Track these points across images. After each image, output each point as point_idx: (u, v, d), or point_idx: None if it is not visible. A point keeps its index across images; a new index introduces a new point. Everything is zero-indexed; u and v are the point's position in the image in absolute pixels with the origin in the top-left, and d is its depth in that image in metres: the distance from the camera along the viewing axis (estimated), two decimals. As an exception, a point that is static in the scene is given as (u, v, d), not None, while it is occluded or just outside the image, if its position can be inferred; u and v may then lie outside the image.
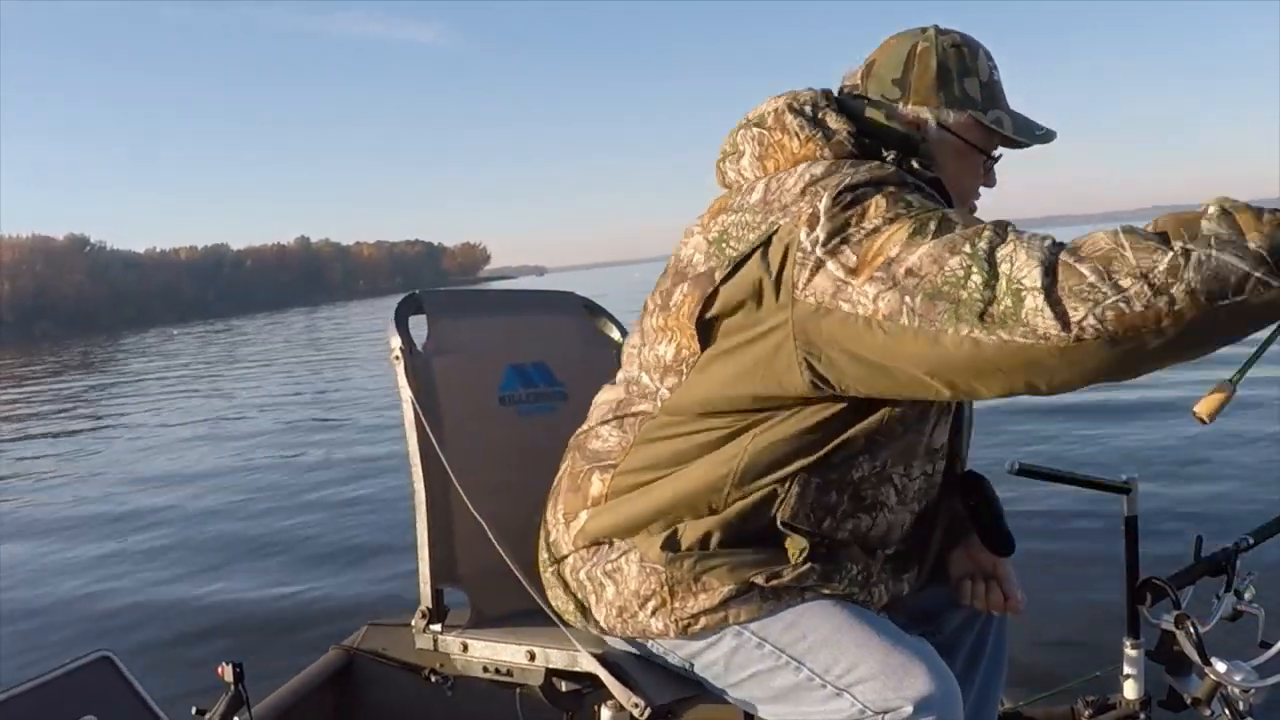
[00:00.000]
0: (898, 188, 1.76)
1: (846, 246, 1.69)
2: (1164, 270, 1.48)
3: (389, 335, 2.39)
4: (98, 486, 11.35)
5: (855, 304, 1.66)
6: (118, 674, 2.50)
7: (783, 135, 1.96)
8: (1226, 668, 2.20)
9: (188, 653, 5.42)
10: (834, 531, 1.92)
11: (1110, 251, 1.52)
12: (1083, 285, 1.51)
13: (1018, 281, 1.54)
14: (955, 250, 1.61)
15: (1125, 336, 1.50)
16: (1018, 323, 1.53)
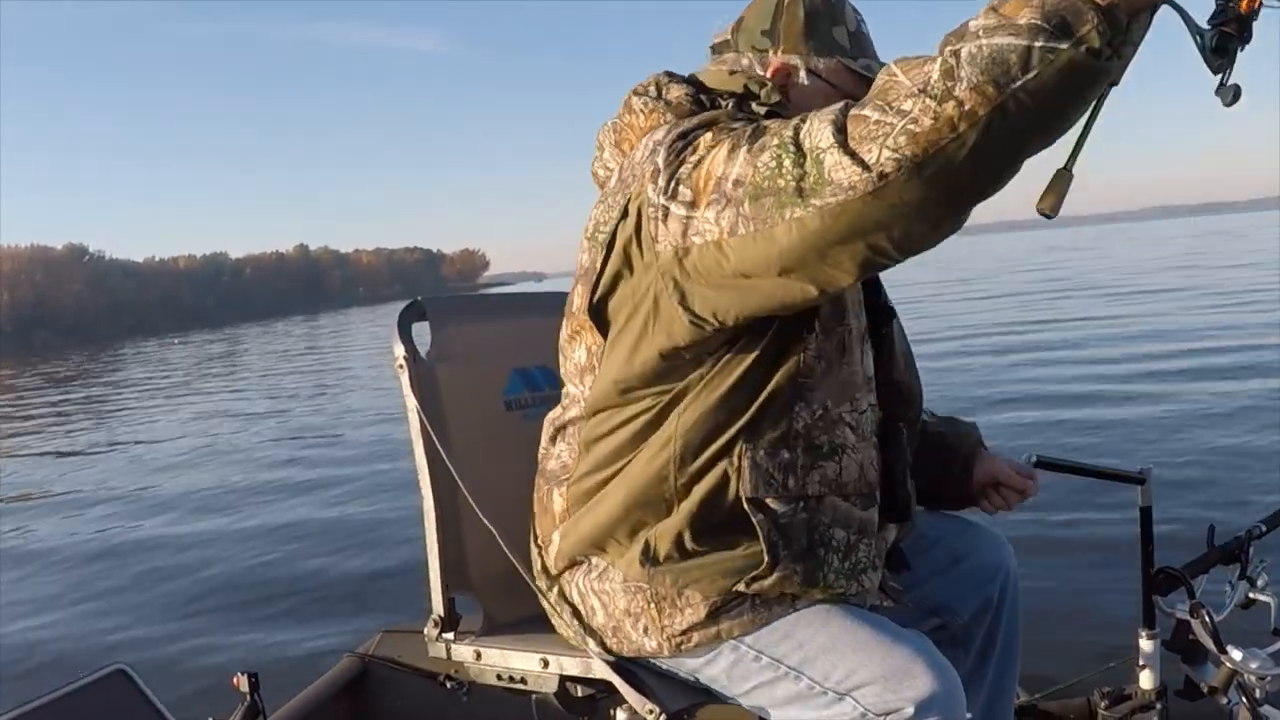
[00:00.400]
0: (727, 120, 1.80)
1: (683, 185, 1.73)
2: (938, 77, 1.46)
3: (392, 343, 2.38)
4: (108, 493, 11.34)
5: (703, 234, 1.69)
6: (133, 687, 2.50)
7: (631, 117, 2.01)
8: (1242, 655, 2.21)
9: (203, 664, 5.41)
10: (802, 489, 1.88)
11: (885, 84, 1.52)
12: (869, 126, 1.50)
13: (816, 148, 1.55)
14: (765, 147, 1.62)
15: (928, 156, 1.47)
16: (825, 184, 1.53)
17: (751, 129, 1.69)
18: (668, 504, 1.90)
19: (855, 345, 1.94)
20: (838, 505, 1.90)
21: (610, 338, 1.94)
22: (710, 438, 1.86)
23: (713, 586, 1.87)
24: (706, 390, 1.85)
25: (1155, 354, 13.82)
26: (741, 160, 1.65)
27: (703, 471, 1.87)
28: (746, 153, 1.65)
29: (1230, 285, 23.72)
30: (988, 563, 2.28)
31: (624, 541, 1.96)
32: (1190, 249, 46.85)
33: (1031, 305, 23.50)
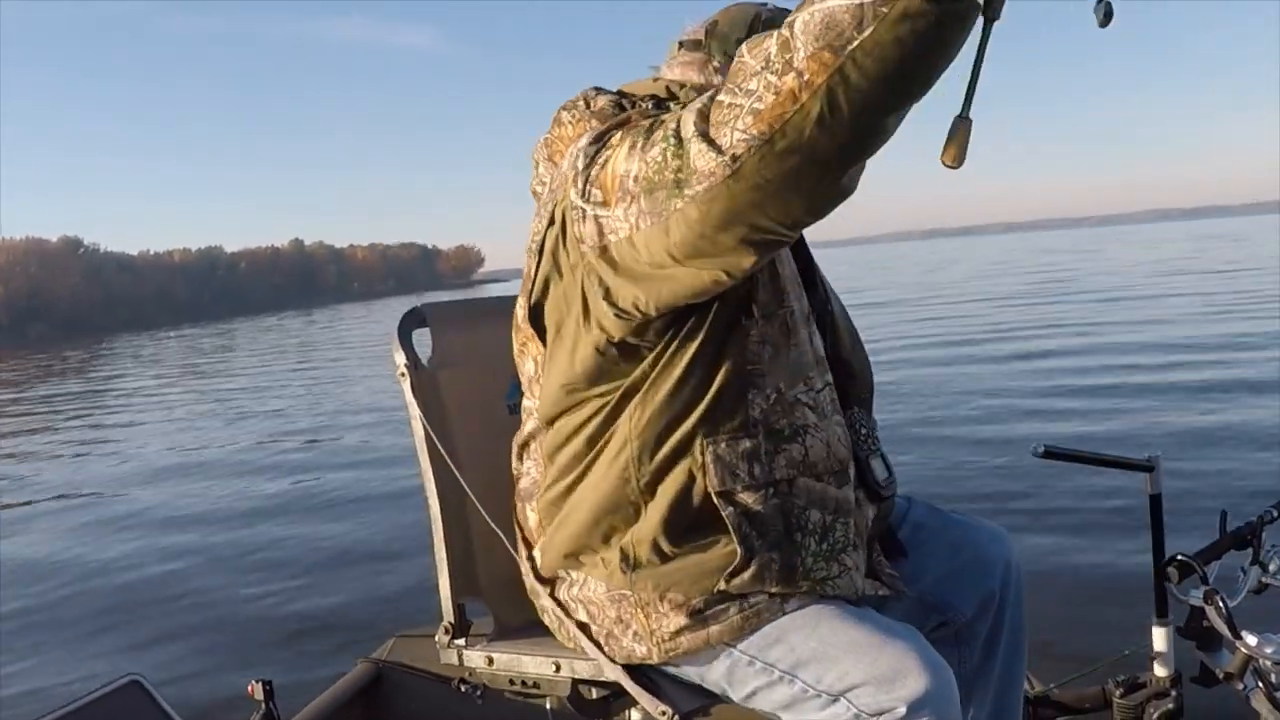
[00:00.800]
0: (639, 118, 1.83)
1: (594, 186, 1.77)
2: (776, 51, 1.46)
3: (393, 351, 2.37)
4: (109, 503, 11.31)
5: (617, 231, 1.73)
6: (148, 697, 2.51)
7: (560, 130, 2.04)
8: (1257, 640, 2.20)
9: (217, 673, 5.40)
10: (770, 475, 1.88)
11: (736, 67, 1.53)
12: (723, 111, 1.52)
13: (685, 138, 1.58)
14: (654, 142, 1.65)
15: (775, 132, 1.47)
16: (693, 173, 1.56)
17: (649, 123, 1.72)
18: (634, 506, 1.92)
19: (800, 326, 1.95)
20: (811, 486, 1.91)
21: (549, 344, 1.98)
22: (665, 435, 1.88)
23: (694, 588, 1.88)
24: (654, 388, 1.87)
25: (1164, 344, 13.88)
26: (637, 157, 1.68)
27: (665, 470, 1.89)
28: (640, 149, 1.68)
29: (1234, 284, 23.83)
30: (988, 557, 2.28)
31: (600, 550, 1.97)
32: (1187, 252, 47.10)
33: (1034, 301, 23.56)
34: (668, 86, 2.04)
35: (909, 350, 16.25)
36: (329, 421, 15.71)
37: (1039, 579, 4.68)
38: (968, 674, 2.26)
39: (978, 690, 2.29)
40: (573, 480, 2.00)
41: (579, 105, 2.03)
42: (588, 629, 2.03)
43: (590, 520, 1.97)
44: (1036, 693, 2.79)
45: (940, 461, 7.81)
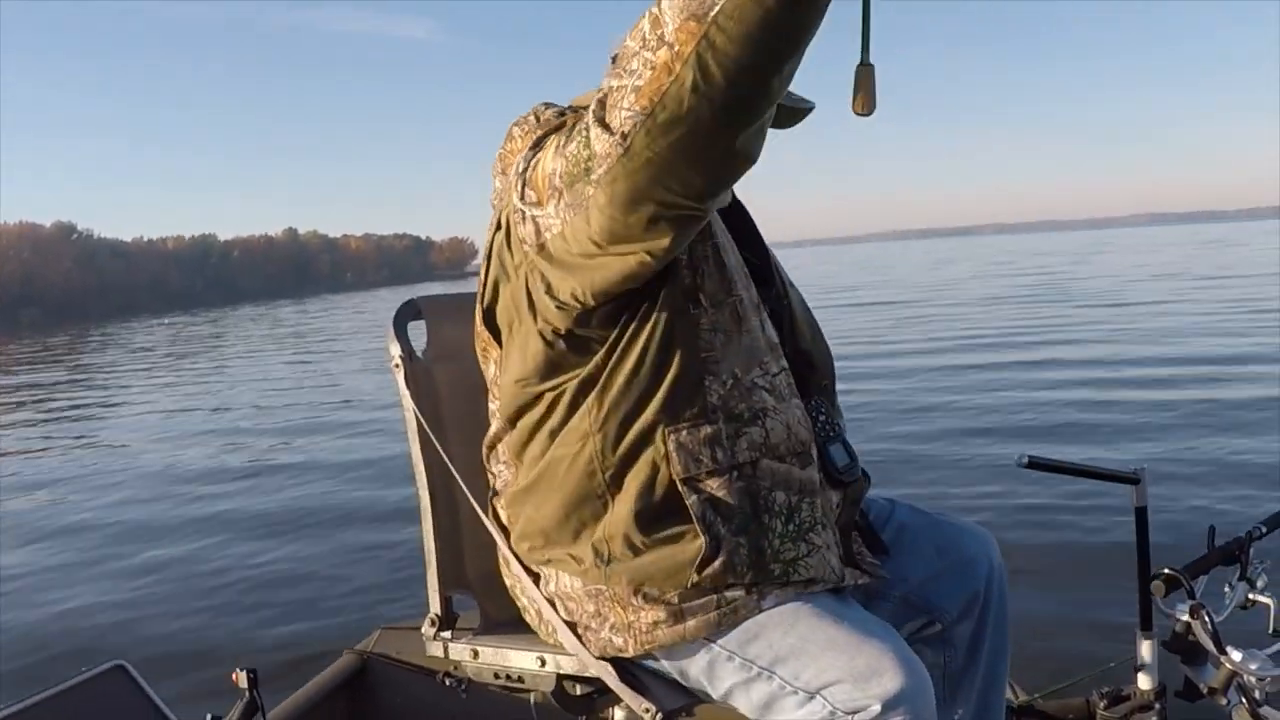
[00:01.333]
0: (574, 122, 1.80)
1: (529, 187, 1.82)
2: (649, 27, 1.51)
3: (388, 343, 2.38)
4: (95, 489, 11.28)
5: (550, 229, 1.78)
6: (132, 682, 2.50)
7: (511, 144, 2.06)
8: (1242, 656, 2.21)
9: (202, 660, 5.39)
10: (733, 459, 1.90)
11: (620, 52, 1.58)
12: (613, 95, 1.56)
13: (588, 125, 1.62)
14: (574, 135, 1.69)
15: (657, 106, 1.51)
16: (594, 158, 1.62)
17: (572, 122, 1.77)
18: (602, 500, 1.94)
19: (750, 314, 1.97)
20: (774, 468, 1.92)
21: (504, 343, 2.02)
22: (626, 426, 1.90)
23: (668, 582, 1.90)
24: (609, 380, 1.90)
25: (1151, 356, 13.90)
26: (563, 154, 1.72)
27: (629, 461, 1.91)
28: (563, 146, 1.72)
29: (1228, 292, 23.86)
30: (972, 557, 2.29)
31: (570, 546, 1.99)
32: (1181, 256, 47.17)
33: (1025, 308, 23.57)
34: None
35: (904, 353, 16.26)
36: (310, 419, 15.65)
37: (1024, 589, 4.70)
38: (953, 674, 2.28)
39: (963, 690, 2.30)
40: (538, 475, 2.02)
41: (529, 119, 2.06)
42: (569, 624, 2.04)
43: (560, 515, 1.99)
44: (1020, 703, 2.80)
45: (926, 465, 7.80)
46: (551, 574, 2.06)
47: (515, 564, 2.13)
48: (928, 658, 1.89)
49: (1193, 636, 2.24)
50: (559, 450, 1.98)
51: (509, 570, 2.17)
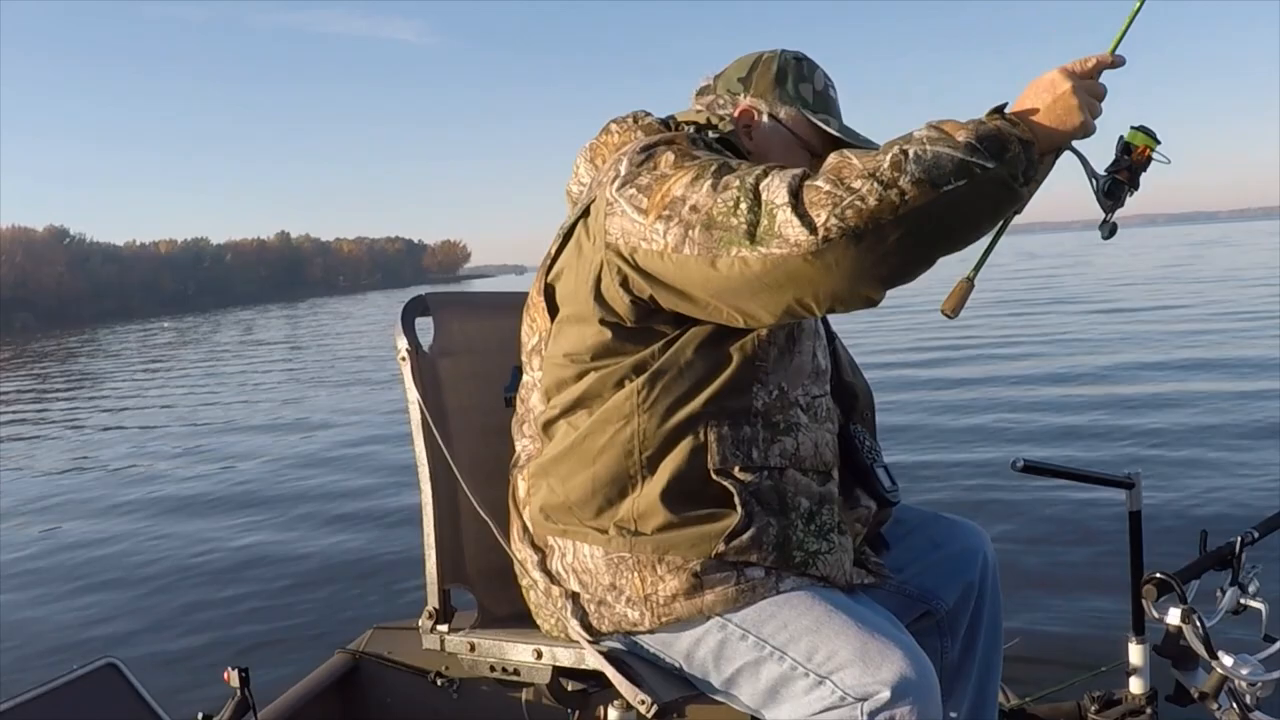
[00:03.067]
0: (687, 143, 1.99)
1: (640, 192, 1.91)
2: (888, 167, 1.69)
3: (395, 336, 2.39)
4: (88, 487, 11.29)
5: (651, 240, 1.87)
6: (124, 681, 2.50)
7: (606, 136, 2.22)
8: (1233, 661, 2.21)
9: (194, 658, 5.39)
10: (765, 460, 1.99)
11: (839, 164, 1.74)
12: (821, 194, 1.70)
13: (772, 202, 1.74)
14: (728, 185, 1.81)
15: (867, 230, 1.68)
16: (773, 236, 1.72)
17: (718, 164, 1.88)
18: (633, 480, 2.00)
19: (806, 338, 2.10)
20: (798, 479, 2.01)
21: (559, 318, 2.09)
22: (672, 412, 1.98)
23: (693, 551, 1.94)
24: (663, 368, 1.98)
25: (1145, 360, 13.91)
26: (704, 190, 1.83)
27: (669, 445, 1.98)
28: (711, 186, 1.83)
29: (1222, 294, 23.89)
30: (967, 549, 2.36)
31: (595, 519, 2.03)
32: (1173, 259, 47.25)
33: (1017, 310, 23.57)
34: (708, 117, 2.22)
35: (896, 362, 16.27)
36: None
37: (1016, 593, 4.70)
38: (950, 663, 2.35)
39: (959, 678, 2.37)
40: (569, 448, 2.07)
41: (627, 119, 2.20)
42: (578, 598, 2.06)
43: (588, 490, 2.03)
44: (1012, 706, 2.81)
45: (920, 470, 7.82)
46: (568, 545, 2.07)
47: (526, 538, 2.16)
48: (925, 648, 1.92)
49: (1184, 641, 2.23)
50: (596, 426, 2.03)
51: (519, 544, 2.18)
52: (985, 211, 1.77)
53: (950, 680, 2.34)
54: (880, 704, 1.80)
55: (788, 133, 2.21)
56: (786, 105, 2.22)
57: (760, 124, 2.22)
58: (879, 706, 1.80)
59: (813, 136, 2.20)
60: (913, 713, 1.80)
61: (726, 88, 2.27)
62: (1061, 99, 1.80)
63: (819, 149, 2.17)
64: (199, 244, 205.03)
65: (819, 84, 2.25)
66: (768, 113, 2.22)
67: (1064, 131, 1.81)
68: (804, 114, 2.21)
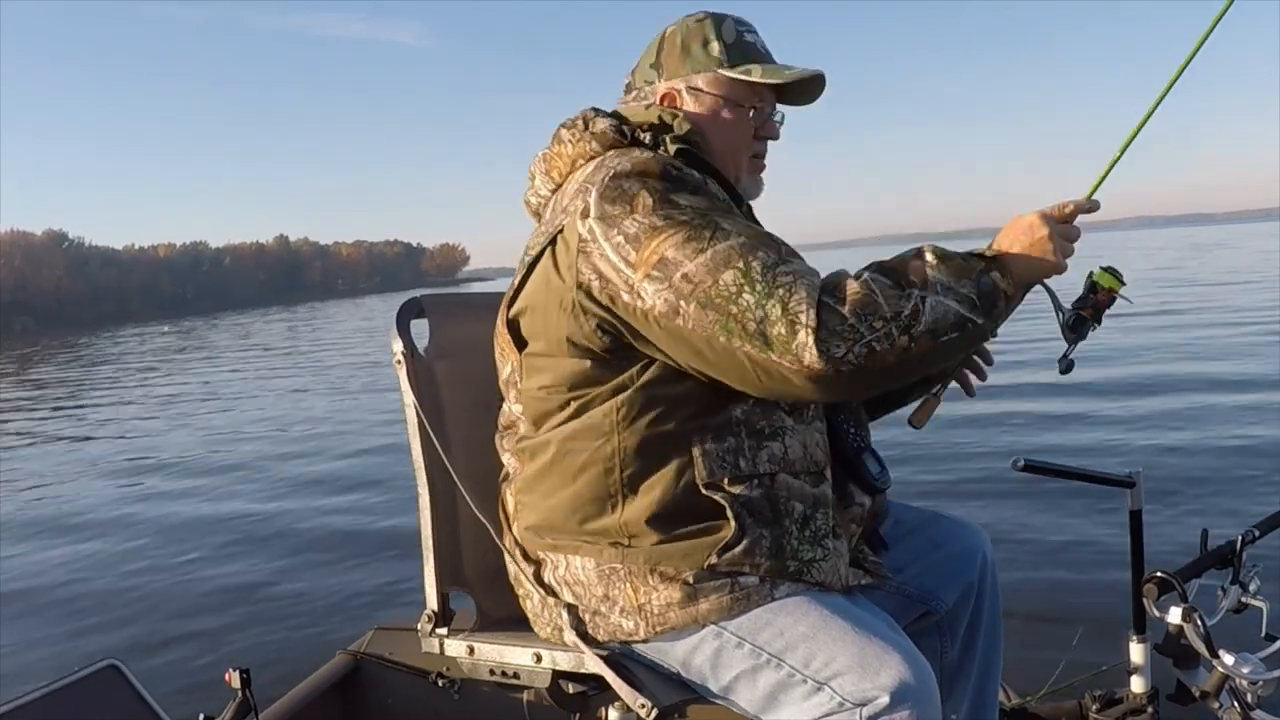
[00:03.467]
0: (661, 181, 1.93)
1: (628, 242, 1.88)
2: (908, 314, 1.77)
3: (390, 339, 2.38)
4: (89, 488, 11.29)
5: (636, 296, 1.87)
6: (125, 682, 2.50)
7: (559, 147, 2.15)
8: (1234, 660, 2.21)
9: (195, 659, 5.40)
10: (754, 468, 1.97)
11: (865, 296, 1.78)
12: (845, 325, 1.75)
13: (794, 314, 1.76)
14: (729, 264, 1.81)
15: (873, 367, 1.76)
16: (786, 350, 1.76)
17: (710, 226, 1.87)
18: (613, 499, 1.99)
19: None
20: (790, 482, 1.99)
21: (527, 351, 2.07)
22: (651, 431, 1.96)
23: (685, 561, 1.93)
24: (637, 391, 1.96)
25: (1144, 360, 13.90)
26: (701, 262, 1.83)
27: (651, 464, 1.96)
28: (706, 258, 1.83)
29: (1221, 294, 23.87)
30: (966, 549, 2.36)
31: (582, 533, 2.02)
32: (1169, 261, 47.13)
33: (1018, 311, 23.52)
34: (660, 116, 2.14)
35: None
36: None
37: (1016, 592, 4.69)
38: (950, 663, 2.35)
39: (959, 678, 2.37)
40: (549, 465, 2.06)
41: (578, 125, 2.13)
42: (574, 610, 2.05)
43: (570, 507, 2.02)
44: (1013, 705, 2.81)
45: (920, 470, 7.84)
46: (560, 559, 2.06)
47: (519, 551, 2.15)
48: (925, 648, 1.92)
49: (1185, 640, 2.23)
50: (574, 444, 2.01)
51: (513, 558, 2.18)
52: (961, 354, 2.01)
53: (950, 680, 2.34)
54: (879, 709, 1.79)
55: (713, 98, 2.16)
56: (701, 72, 2.17)
57: (685, 103, 2.18)
58: (878, 712, 1.79)
59: (739, 91, 2.16)
60: (912, 717, 1.79)
61: (644, 78, 2.23)
62: (1039, 244, 1.91)
63: (752, 98, 2.17)
64: (198, 247, 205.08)
65: (729, 35, 2.18)
66: (686, 88, 2.18)
67: (1038, 273, 1.94)
68: (721, 74, 2.15)
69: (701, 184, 1.98)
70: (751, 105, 2.17)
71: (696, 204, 1.91)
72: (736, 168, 2.19)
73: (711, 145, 2.14)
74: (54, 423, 19.10)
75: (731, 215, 1.94)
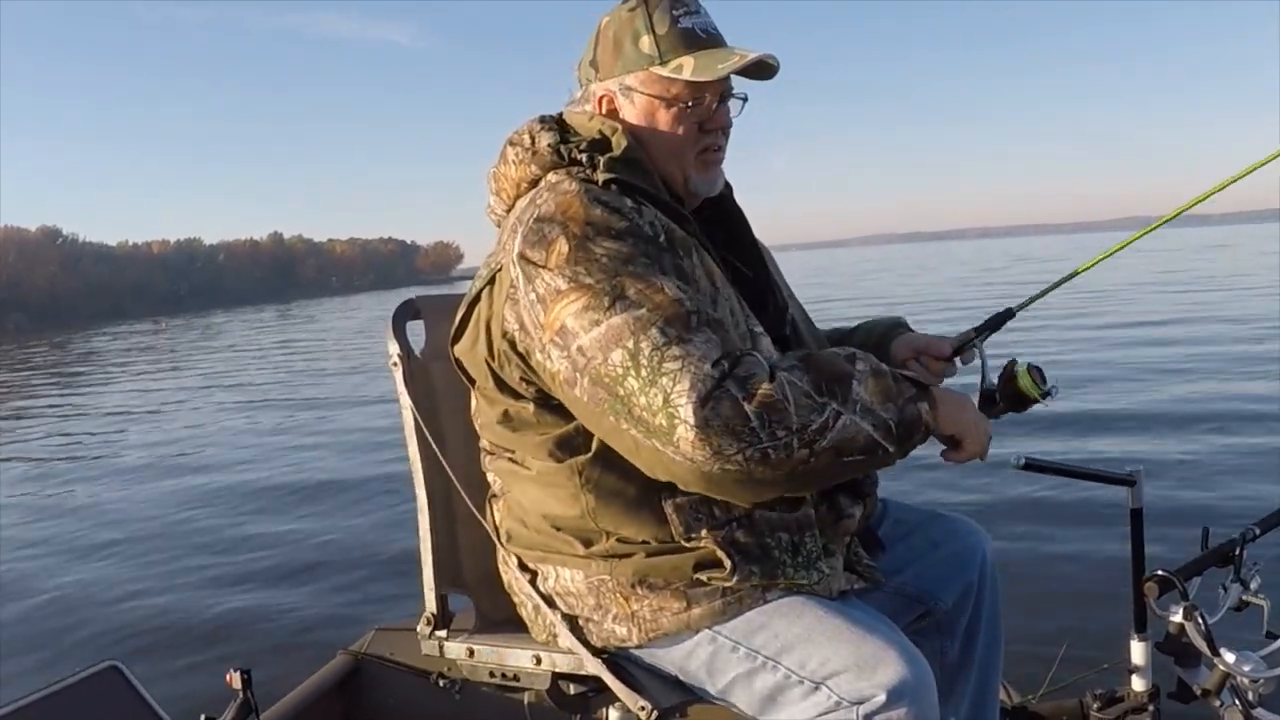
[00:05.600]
0: (583, 226, 1.85)
1: (538, 301, 1.85)
2: (816, 429, 1.71)
3: (386, 341, 2.38)
4: (88, 488, 11.29)
5: (546, 355, 1.85)
6: (126, 684, 2.50)
7: (505, 167, 2.09)
8: (1235, 658, 2.21)
9: (196, 660, 5.40)
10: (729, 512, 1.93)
11: (778, 402, 1.70)
12: (745, 427, 1.68)
13: (674, 405, 1.70)
14: (620, 342, 1.75)
15: (762, 475, 1.71)
16: (670, 442, 1.71)
17: (613, 296, 1.78)
18: (596, 534, 1.98)
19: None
20: (768, 516, 1.95)
21: (477, 387, 2.09)
22: (618, 496, 1.94)
23: (675, 574, 1.93)
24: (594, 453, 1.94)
25: (1145, 356, 13.93)
26: (594, 336, 1.77)
27: (627, 521, 1.95)
28: (600, 332, 1.77)
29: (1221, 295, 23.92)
30: (966, 548, 2.35)
31: (571, 551, 2.01)
32: (1169, 260, 47.17)
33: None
34: (601, 130, 2.05)
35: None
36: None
37: (1017, 590, 4.69)
38: (950, 663, 2.35)
39: (960, 678, 2.36)
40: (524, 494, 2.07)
41: (524, 141, 2.07)
42: (568, 617, 2.05)
43: (552, 532, 2.03)
44: (1015, 704, 2.81)
45: (920, 467, 7.77)
46: (550, 570, 2.07)
47: (513, 561, 2.15)
48: (925, 648, 1.91)
49: (1186, 638, 2.24)
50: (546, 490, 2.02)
51: (506, 568, 2.18)
52: (861, 473, 1.94)
53: (951, 679, 2.34)
54: (876, 707, 1.79)
55: (648, 99, 2.05)
56: (633, 71, 2.05)
57: (621, 107, 2.08)
58: (875, 709, 1.79)
59: (674, 88, 2.04)
60: (909, 715, 1.79)
61: (585, 76, 2.14)
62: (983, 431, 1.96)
63: (690, 94, 2.04)
64: (192, 244, 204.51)
65: (661, 24, 2.02)
66: (620, 89, 2.07)
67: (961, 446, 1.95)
68: (653, 72, 2.03)
69: (630, 221, 1.88)
70: (690, 101, 2.05)
71: (613, 254, 1.82)
72: (683, 169, 2.09)
73: (652, 153, 2.06)
74: (63, 407, 19.09)
75: (650, 269, 1.83)
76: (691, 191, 2.11)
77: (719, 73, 2.00)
